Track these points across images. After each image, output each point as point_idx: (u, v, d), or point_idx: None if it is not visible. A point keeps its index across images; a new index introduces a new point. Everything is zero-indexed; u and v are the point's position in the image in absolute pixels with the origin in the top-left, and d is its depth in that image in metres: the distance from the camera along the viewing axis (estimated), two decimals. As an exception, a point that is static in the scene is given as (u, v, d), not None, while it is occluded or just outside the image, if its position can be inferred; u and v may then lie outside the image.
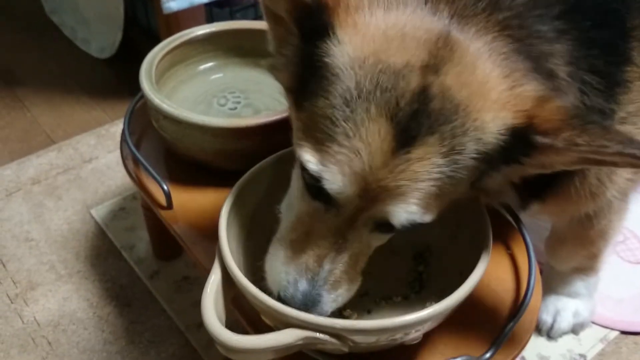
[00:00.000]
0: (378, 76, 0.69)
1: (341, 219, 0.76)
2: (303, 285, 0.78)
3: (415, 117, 0.68)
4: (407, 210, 0.72)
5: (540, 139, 0.69)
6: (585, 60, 0.76)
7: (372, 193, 0.71)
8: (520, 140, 0.70)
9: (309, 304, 0.77)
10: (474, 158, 0.71)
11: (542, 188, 0.89)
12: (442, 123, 0.69)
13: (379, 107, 0.68)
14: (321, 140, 0.72)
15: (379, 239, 0.81)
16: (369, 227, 0.77)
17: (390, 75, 0.69)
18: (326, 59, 0.72)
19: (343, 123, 0.70)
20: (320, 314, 0.77)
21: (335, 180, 0.71)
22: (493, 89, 0.70)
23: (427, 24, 0.72)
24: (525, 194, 0.91)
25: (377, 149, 0.69)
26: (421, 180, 0.70)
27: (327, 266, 0.78)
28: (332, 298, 0.79)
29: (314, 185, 0.75)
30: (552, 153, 0.70)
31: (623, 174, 0.92)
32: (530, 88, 0.71)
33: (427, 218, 0.74)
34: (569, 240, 1.14)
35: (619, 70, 0.80)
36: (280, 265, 0.80)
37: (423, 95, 0.68)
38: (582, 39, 0.76)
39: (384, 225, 0.76)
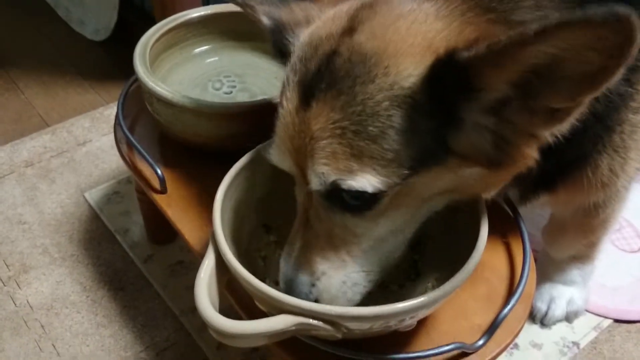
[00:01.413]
0: (304, 50, 0.73)
1: (303, 194, 0.77)
2: (284, 264, 0.80)
3: (317, 77, 0.70)
4: (317, 171, 0.70)
5: (463, 53, 0.62)
6: None
7: (296, 158, 0.73)
8: (446, 69, 0.64)
9: (288, 285, 0.78)
10: (394, 106, 0.67)
11: (553, 179, 0.89)
12: (342, 77, 0.68)
13: (295, 75, 0.72)
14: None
15: (355, 223, 0.75)
16: (321, 204, 0.75)
17: (312, 47, 0.72)
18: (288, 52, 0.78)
19: (280, 96, 0.75)
20: (303, 297, 0.76)
21: (272, 151, 0.76)
22: (423, 37, 0.67)
23: None
24: (534, 185, 0.91)
25: (288, 112, 0.72)
26: (321, 138, 0.69)
27: (297, 244, 0.78)
28: (309, 280, 0.77)
29: None
30: (487, 66, 0.62)
31: (634, 164, 0.90)
32: (467, 31, 0.67)
33: (356, 182, 0.69)
34: (570, 229, 1.14)
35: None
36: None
37: (331, 56, 0.70)
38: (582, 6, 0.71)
39: (333, 201, 0.73)
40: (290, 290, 0.78)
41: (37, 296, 1.33)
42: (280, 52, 0.82)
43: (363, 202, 0.72)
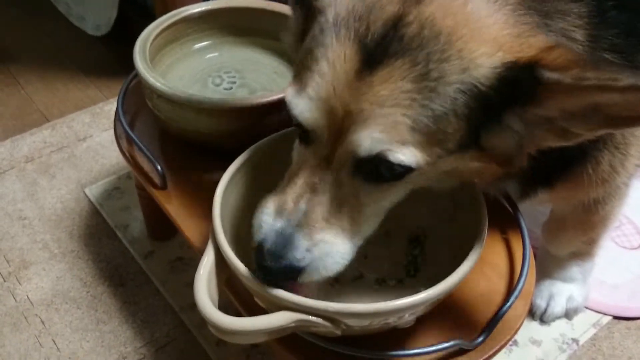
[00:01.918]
0: (355, 5, 0.69)
1: (318, 156, 0.73)
2: (278, 223, 0.74)
3: (385, 41, 0.67)
4: (370, 136, 0.67)
5: (547, 73, 0.64)
6: (605, 39, 0.74)
7: (339, 121, 0.69)
8: (522, 76, 0.65)
9: (280, 244, 0.73)
10: (460, 91, 0.67)
11: (552, 175, 0.89)
12: (415, 47, 0.66)
13: (348, 31, 0.68)
14: (301, 74, 0.72)
15: (368, 192, 0.74)
16: (347, 169, 0.72)
17: (368, 4, 0.69)
18: (316, 3, 0.73)
19: (315, 50, 0.70)
20: (293, 261, 0.72)
21: (303, 106, 0.70)
22: (489, 27, 0.67)
23: None
24: (533, 181, 0.91)
25: (342, 70, 0.67)
26: (386, 104, 0.66)
27: (302, 206, 0.73)
28: (306, 245, 0.73)
29: (296, 125, 0.74)
30: (561, 93, 0.65)
31: (634, 160, 0.91)
32: (539, 39, 0.67)
33: (404, 156, 0.68)
34: (570, 225, 1.14)
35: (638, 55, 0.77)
36: (262, 210, 0.77)
37: (398, 21, 0.67)
38: (602, 18, 0.74)
39: (364, 169, 0.72)
40: (282, 251, 0.73)
41: (37, 292, 1.33)
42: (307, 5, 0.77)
43: (394, 175, 0.71)
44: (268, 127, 0.99)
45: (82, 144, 1.71)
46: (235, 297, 0.90)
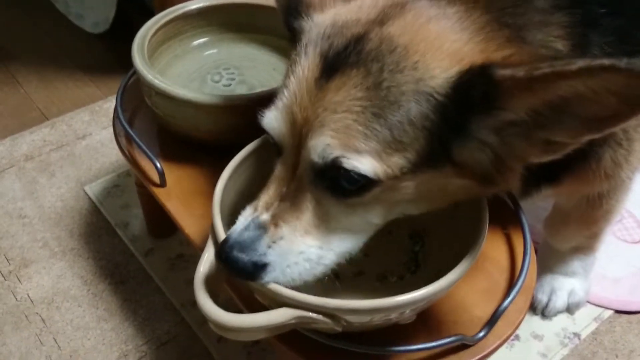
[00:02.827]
0: (326, 29, 0.74)
1: (286, 166, 0.75)
2: (246, 224, 0.75)
3: (344, 52, 0.70)
4: (323, 142, 0.69)
5: (499, 71, 0.64)
6: (597, 47, 0.74)
7: (300, 128, 0.72)
8: (476, 81, 0.66)
9: (244, 241, 0.74)
10: (415, 100, 0.68)
11: (556, 171, 0.89)
12: (371, 59, 0.69)
13: (315, 48, 0.73)
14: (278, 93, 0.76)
15: (334, 205, 0.74)
16: (308, 178, 0.73)
17: (337, 28, 0.73)
18: (301, 29, 0.79)
19: (289, 69, 0.75)
20: (253, 255, 0.73)
21: (269, 116, 0.75)
22: (450, 43, 0.69)
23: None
24: (537, 178, 0.91)
25: (303, 80, 0.72)
26: (338, 110, 0.69)
27: (270, 212, 0.75)
28: (266, 239, 0.74)
29: (270, 139, 0.79)
30: (518, 89, 0.64)
31: (638, 155, 0.90)
32: (504, 52, 0.69)
33: (360, 164, 0.68)
34: (572, 220, 1.14)
35: None
36: (239, 216, 0.78)
37: (360, 38, 0.71)
38: (593, 27, 0.74)
39: (324, 178, 0.72)
40: (242, 242, 0.74)
41: (38, 290, 1.33)
42: (290, 32, 0.82)
43: (355, 187, 0.71)
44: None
45: (81, 142, 1.71)
46: (236, 294, 0.90)
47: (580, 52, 0.73)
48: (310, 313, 0.72)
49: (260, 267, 0.73)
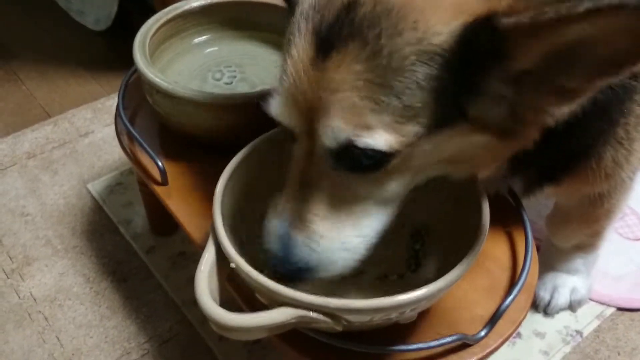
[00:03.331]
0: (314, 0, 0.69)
1: (303, 152, 0.73)
2: (277, 228, 0.75)
3: (336, 26, 0.65)
4: (332, 126, 0.67)
5: (503, 20, 0.60)
6: None
7: (306, 113, 0.69)
8: (481, 33, 0.62)
9: (283, 249, 0.74)
10: (419, 62, 0.64)
11: (557, 170, 0.89)
12: (366, 27, 0.64)
13: (307, 23, 0.67)
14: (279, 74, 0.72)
15: (359, 184, 0.73)
16: (327, 162, 0.71)
17: None
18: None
19: (285, 47, 0.70)
20: (296, 260, 0.74)
21: (274, 104, 0.72)
22: None
23: None
24: (538, 177, 0.91)
25: (300, 62, 0.67)
26: (340, 90, 0.65)
27: (296, 205, 0.74)
28: (303, 242, 0.74)
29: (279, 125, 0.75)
30: (524, 37, 0.61)
31: (638, 155, 0.90)
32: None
33: (373, 140, 0.66)
34: (574, 218, 1.13)
35: None
36: (268, 215, 0.78)
37: (351, 4, 0.65)
38: None
39: (343, 159, 0.70)
40: (286, 253, 0.75)
41: (41, 288, 1.34)
42: (289, 3, 0.76)
43: (374, 162, 0.69)
44: (269, 122, 0.98)
45: (83, 139, 1.71)
46: (237, 293, 0.90)
47: None
48: (311, 312, 0.72)
49: (306, 271, 0.75)
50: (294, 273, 0.75)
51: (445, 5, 0.64)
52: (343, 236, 0.75)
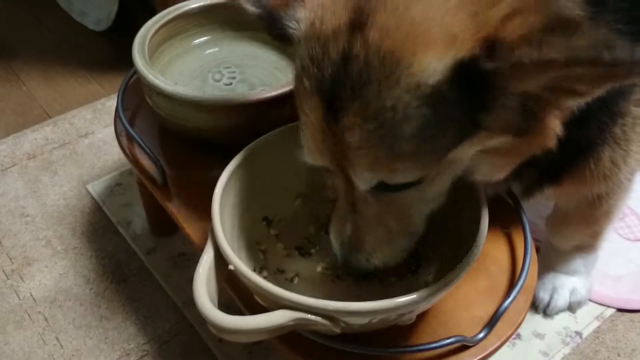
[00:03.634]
0: (312, 47, 0.69)
1: (341, 181, 0.77)
2: (340, 251, 0.84)
3: (337, 85, 0.66)
4: (361, 175, 0.72)
5: (485, 64, 0.61)
6: (606, 22, 0.68)
7: (335, 161, 0.73)
8: (470, 71, 0.62)
9: (346, 263, 0.84)
10: (424, 105, 0.64)
11: (557, 171, 0.89)
12: (364, 85, 0.65)
13: (311, 81, 0.69)
14: (298, 112, 0.75)
15: (402, 197, 0.77)
16: (369, 193, 0.77)
17: (320, 45, 0.68)
18: (289, 37, 0.74)
19: (297, 96, 0.73)
20: (363, 267, 0.83)
21: (304, 152, 0.75)
22: (438, 23, 0.63)
23: None
24: (539, 178, 0.91)
25: (316, 121, 0.70)
26: (360, 147, 0.68)
27: (348, 229, 0.82)
28: (362, 257, 0.83)
29: None
30: (508, 77, 0.61)
31: (637, 156, 0.90)
32: (499, 7, 0.62)
33: (403, 178, 0.71)
34: (574, 219, 1.13)
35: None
36: (331, 233, 0.87)
37: (345, 59, 0.66)
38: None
39: (376, 189, 0.74)
40: (349, 266, 0.84)
41: (41, 289, 1.34)
42: (279, 37, 0.76)
43: (409, 184, 0.74)
44: (268, 122, 0.98)
45: (83, 140, 1.71)
46: (237, 295, 0.90)
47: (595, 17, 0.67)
48: (309, 315, 0.72)
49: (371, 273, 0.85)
50: (362, 276, 0.88)
51: (435, 38, 0.63)
52: (393, 244, 0.83)
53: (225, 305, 0.80)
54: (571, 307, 1.26)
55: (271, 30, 0.76)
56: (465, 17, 0.63)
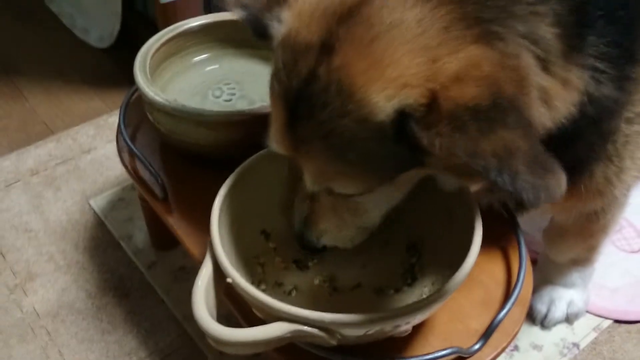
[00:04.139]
0: (286, 56, 0.72)
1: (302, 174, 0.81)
2: (297, 223, 0.89)
3: (298, 100, 0.70)
4: (309, 180, 0.78)
5: (413, 127, 0.65)
6: (594, 47, 0.73)
7: (294, 156, 0.76)
8: (405, 127, 0.66)
9: (300, 238, 0.89)
10: (368, 138, 0.68)
11: None
12: (320, 106, 0.68)
13: (280, 86, 0.73)
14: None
15: (352, 199, 0.81)
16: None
17: (293, 56, 0.71)
18: (274, 37, 0.76)
19: (271, 92, 0.76)
20: (312, 245, 0.88)
21: (271, 142, 0.79)
22: (397, 62, 0.65)
23: None
24: None
25: (278, 120, 0.75)
26: (310, 158, 0.74)
27: (305, 210, 0.87)
28: (314, 236, 0.88)
29: None
30: (426, 142, 0.64)
31: (631, 172, 0.91)
32: (454, 63, 0.64)
33: (345, 189, 0.77)
34: (570, 234, 1.14)
35: (628, 67, 0.76)
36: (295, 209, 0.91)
37: (310, 78, 0.69)
38: (590, 26, 0.72)
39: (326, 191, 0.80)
40: (301, 242, 0.89)
41: (43, 303, 1.35)
42: (262, 36, 0.79)
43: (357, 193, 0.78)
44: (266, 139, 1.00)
45: (86, 156, 1.73)
46: (235, 307, 0.91)
47: (572, 44, 0.71)
48: (306, 327, 0.73)
49: (320, 249, 0.90)
50: (312, 251, 0.92)
51: (389, 79, 0.66)
52: (343, 230, 0.87)
53: (226, 318, 0.81)
54: (568, 319, 1.27)
55: (255, 31, 0.80)
56: (422, 62, 0.65)
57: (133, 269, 1.42)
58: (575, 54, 0.72)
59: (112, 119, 1.85)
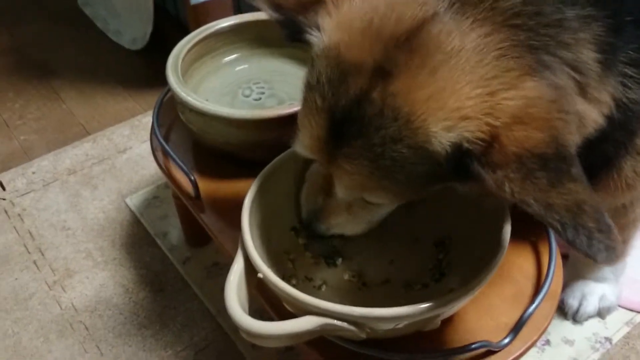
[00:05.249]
0: (331, 70, 0.71)
1: (324, 173, 0.83)
2: (307, 214, 0.91)
3: (347, 118, 0.70)
4: (342, 191, 0.79)
5: (477, 168, 0.65)
6: (624, 53, 0.73)
7: (324, 164, 0.78)
8: (462, 160, 0.66)
9: (309, 227, 0.91)
10: (418, 163, 0.69)
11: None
12: (373, 129, 0.68)
13: (324, 102, 0.72)
14: (300, 115, 0.78)
15: (365, 203, 0.83)
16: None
17: (341, 73, 0.70)
18: (311, 46, 0.75)
19: (304, 104, 0.76)
20: (320, 232, 0.89)
21: (297, 146, 0.80)
22: (455, 94, 0.65)
23: (403, 12, 0.69)
24: None
25: (315, 135, 0.74)
26: (348, 172, 0.74)
27: (319, 203, 0.88)
28: (324, 227, 0.89)
29: None
30: (485, 180, 0.65)
31: None
32: (514, 101, 0.65)
33: (379, 199, 0.79)
34: None
35: None
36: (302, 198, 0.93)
37: (362, 99, 0.69)
38: (620, 33, 0.72)
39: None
40: (309, 230, 0.91)
41: (82, 299, 1.39)
42: (295, 40, 0.78)
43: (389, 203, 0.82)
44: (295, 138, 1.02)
45: (122, 155, 1.77)
46: (267, 302, 0.93)
47: (607, 63, 0.71)
48: (335, 321, 0.75)
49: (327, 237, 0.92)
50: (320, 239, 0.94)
51: (449, 110, 0.66)
52: (355, 224, 0.89)
53: (258, 312, 0.83)
54: (600, 313, 1.26)
55: (289, 35, 0.79)
56: (480, 94, 0.65)
57: (168, 265, 1.46)
58: (609, 72, 0.72)
59: (146, 119, 1.89)
